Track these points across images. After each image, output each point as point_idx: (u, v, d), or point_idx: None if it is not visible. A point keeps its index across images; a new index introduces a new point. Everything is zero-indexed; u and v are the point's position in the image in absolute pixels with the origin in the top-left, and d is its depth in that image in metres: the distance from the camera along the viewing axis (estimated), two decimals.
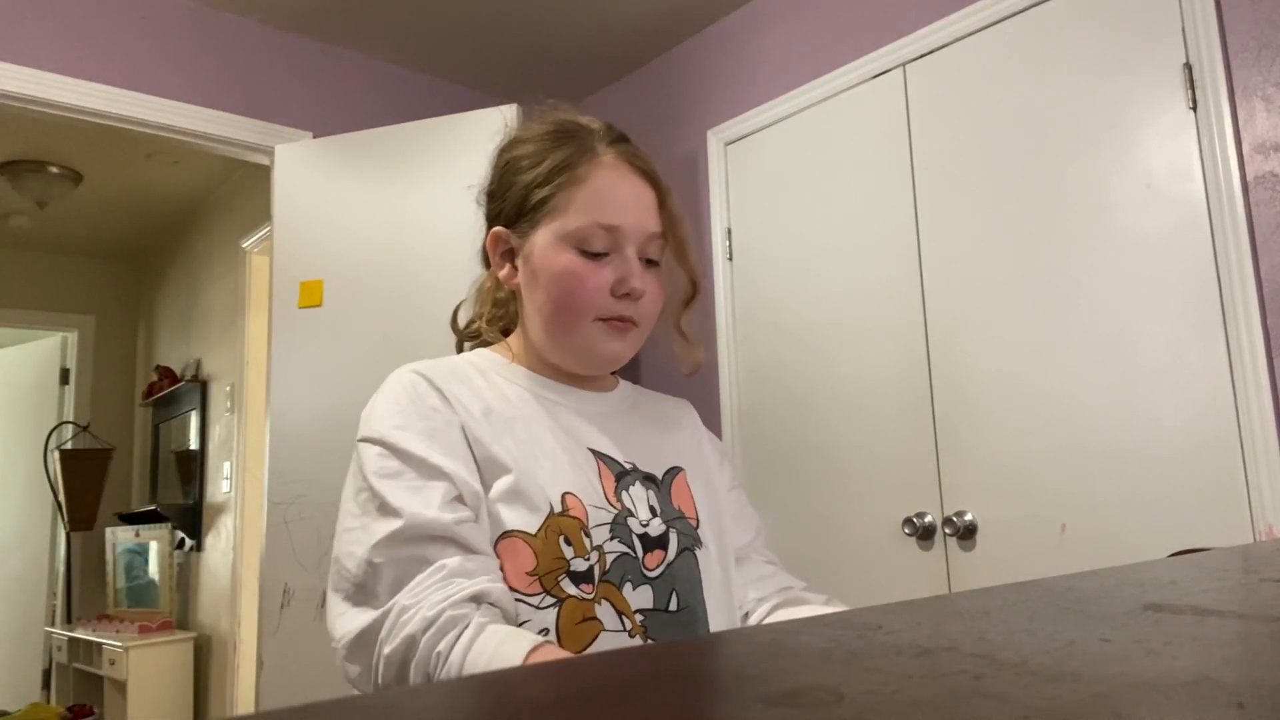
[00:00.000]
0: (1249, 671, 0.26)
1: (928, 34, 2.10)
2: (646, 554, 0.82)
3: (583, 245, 0.84)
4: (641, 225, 0.86)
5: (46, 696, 4.42)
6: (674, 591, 0.83)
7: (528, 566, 0.76)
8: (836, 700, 0.22)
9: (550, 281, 0.85)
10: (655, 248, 0.88)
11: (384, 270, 2.38)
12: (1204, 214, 1.64)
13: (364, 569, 0.73)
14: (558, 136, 0.88)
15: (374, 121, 2.65)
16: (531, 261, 0.86)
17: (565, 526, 0.78)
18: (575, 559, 0.77)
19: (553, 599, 0.76)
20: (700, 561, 0.86)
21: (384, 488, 0.76)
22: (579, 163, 0.86)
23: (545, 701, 0.23)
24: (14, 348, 4.90)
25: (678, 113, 2.76)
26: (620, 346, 0.87)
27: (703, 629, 0.84)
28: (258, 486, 3.03)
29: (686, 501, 0.90)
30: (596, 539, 0.79)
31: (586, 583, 0.77)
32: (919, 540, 2.00)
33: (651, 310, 0.88)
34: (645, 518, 0.84)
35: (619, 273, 0.84)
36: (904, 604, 0.37)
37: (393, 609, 0.71)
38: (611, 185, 0.86)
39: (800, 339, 2.33)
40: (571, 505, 0.79)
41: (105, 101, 2.30)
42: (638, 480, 0.87)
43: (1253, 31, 1.63)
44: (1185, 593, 0.40)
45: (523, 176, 0.87)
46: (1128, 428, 1.70)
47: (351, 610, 0.74)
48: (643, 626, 0.80)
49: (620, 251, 0.85)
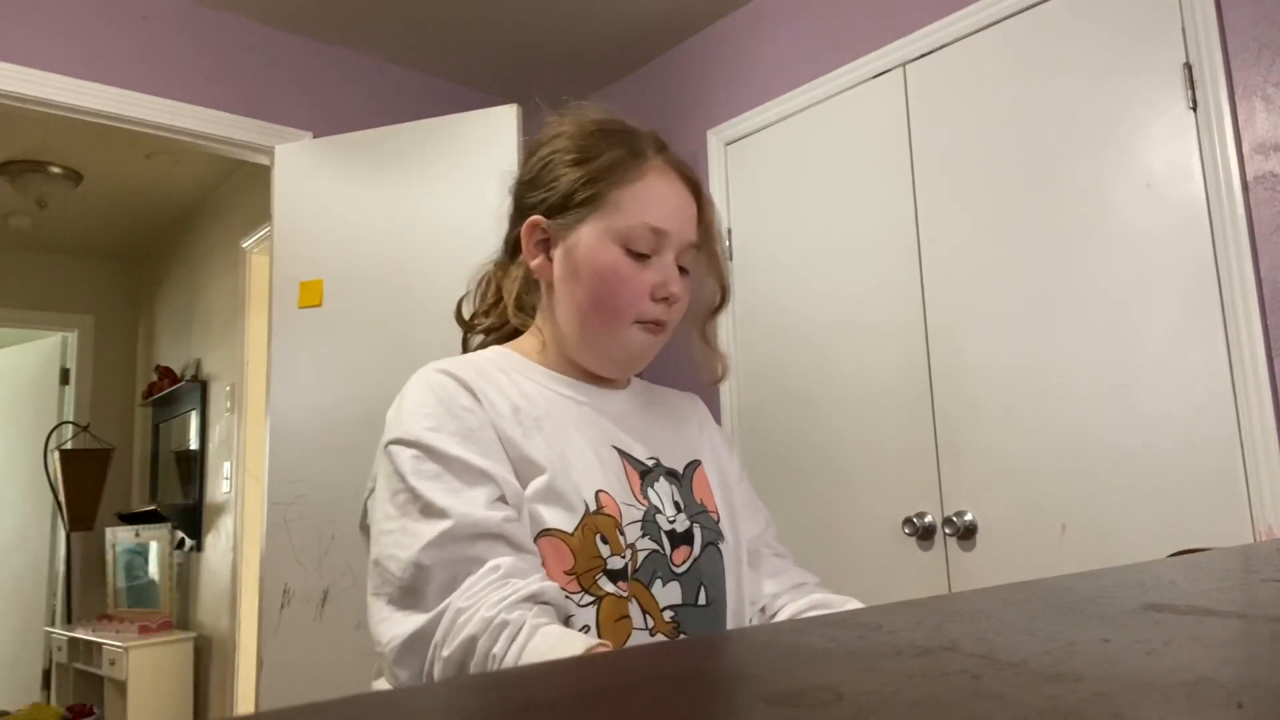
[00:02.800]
0: (1249, 671, 0.26)
1: (928, 34, 2.10)
2: (674, 550, 0.83)
3: (629, 244, 0.84)
4: (683, 233, 0.87)
5: (46, 696, 4.42)
6: (702, 585, 0.84)
7: (566, 565, 0.77)
8: (836, 700, 0.22)
9: (593, 277, 0.85)
10: (689, 257, 0.89)
11: (384, 270, 2.37)
12: (1204, 214, 1.64)
13: (411, 571, 0.72)
14: (607, 135, 0.89)
15: (374, 121, 2.65)
16: (575, 255, 0.86)
17: (601, 525, 0.78)
18: (612, 557, 0.78)
19: (591, 597, 0.76)
20: (724, 555, 0.88)
21: (426, 489, 0.74)
22: (631, 163, 0.86)
23: (546, 701, 0.23)
24: (14, 348, 4.90)
25: (678, 113, 2.76)
26: (649, 349, 0.88)
27: (726, 622, 0.85)
28: (258, 486, 3.03)
29: (707, 495, 0.91)
30: (630, 536, 0.80)
31: (623, 580, 0.78)
32: (919, 540, 2.00)
33: (679, 316, 0.90)
34: (671, 514, 0.85)
35: (660, 276, 0.85)
36: (904, 604, 0.37)
37: (447, 610, 0.69)
38: (663, 189, 0.87)
39: (800, 339, 2.33)
40: (605, 503, 0.80)
41: (105, 101, 2.30)
42: (661, 476, 0.87)
43: (1253, 31, 1.63)
44: (1185, 593, 0.40)
45: (570, 170, 0.87)
46: (1128, 427, 1.70)
47: (398, 614, 0.72)
48: (672, 623, 0.80)
49: (661, 255, 0.86)
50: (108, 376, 4.79)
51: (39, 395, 4.74)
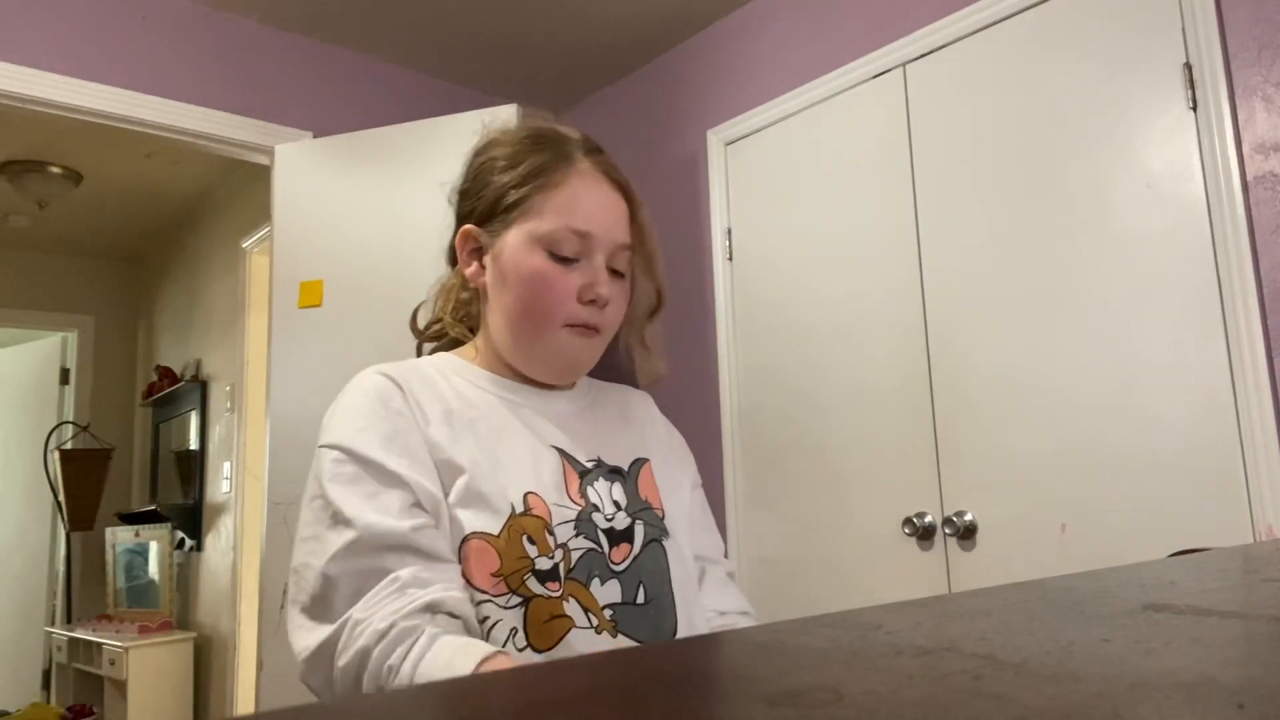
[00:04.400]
0: (1249, 671, 0.26)
1: (928, 34, 2.10)
2: (613, 548, 0.83)
3: (553, 248, 0.85)
4: (611, 234, 0.87)
5: (46, 696, 4.42)
6: (641, 584, 0.83)
7: (492, 567, 0.77)
8: (836, 700, 0.22)
9: (519, 282, 0.85)
10: (623, 259, 0.89)
11: (384, 270, 2.37)
12: (1204, 214, 1.64)
13: (320, 582, 0.73)
14: (536, 141, 0.89)
15: (374, 121, 2.65)
16: (501, 261, 0.87)
17: (528, 526, 0.79)
18: (539, 558, 0.78)
19: (519, 598, 0.77)
20: (668, 552, 0.87)
21: (338, 495, 0.76)
22: (556, 167, 0.87)
23: (545, 701, 0.23)
24: (14, 348, 4.90)
25: (678, 113, 2.76)
26: (583, 353, 0.88)
27: (670, 619, 0.84)
28: (258, 486, 3.03)
29: (653, 492, 0.91)
30: (561, 536, 0.80)
31: (553, 580, 0.78)
32: (919, 540, 2.00)
33: (614, 319, 0.89)
34: (610, 512, 0.84)
35: (587, 278, 0.85)
36: (904, 604, 0.37)
37: (347, 622, 0.71)
38: (586, 192, 0.87)
39: (800, 339, 2.33)
40: (534, 504, 0.80)
41: (105, 101, 2.30)
42: (602, 475, 0.87)
43: (1253, 31, 1.63)
44: (1185, 593, 0.40)
45: (498, 177, 0.88)
46: (1128, 428, 1.70)
47: (309, 624, 0.74)
48: (612, 621, 0.80)
49: (589, 258, 0.86)
50: (108, 376, 4.79)
51: (39, 395, 4.74)
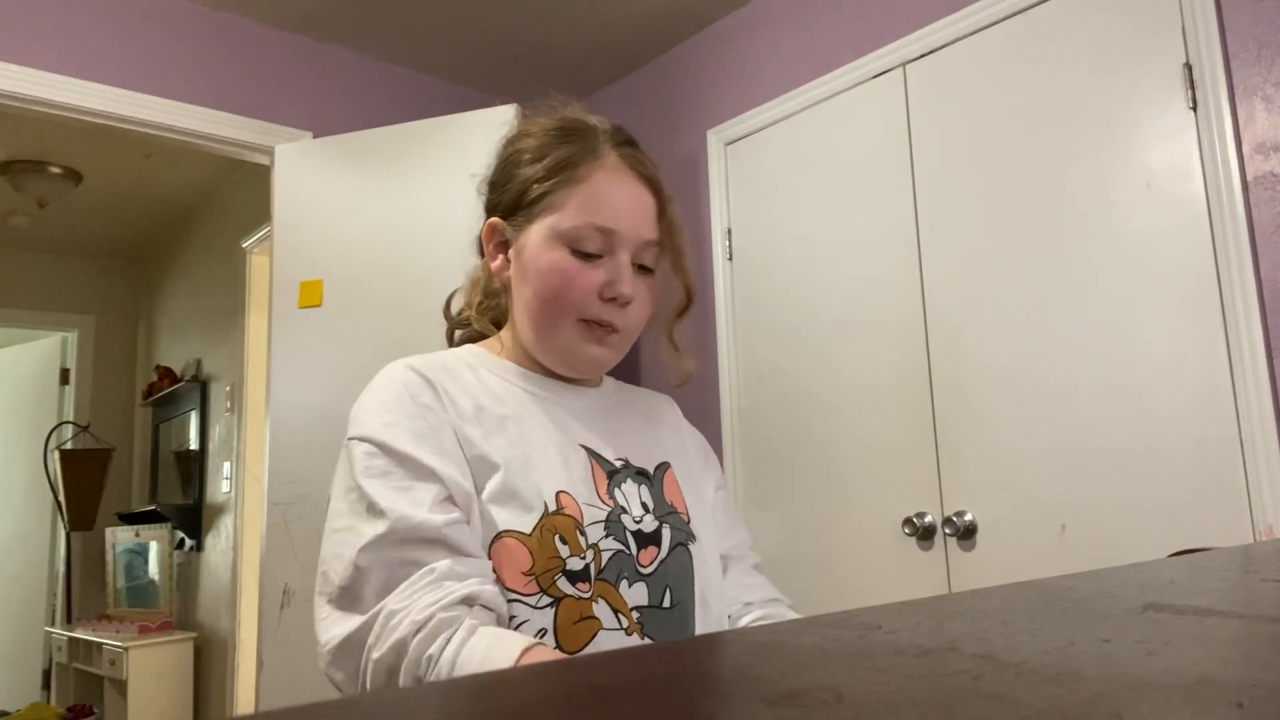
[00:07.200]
0: (1249, 671, 0.26)
1: (928, 34, 2.10)
2: (640, 550, 0.82)
3: (576, 245, 0.83)
4: (637, 231, 0.85)
5: (46, 696, 4.42)
6: (667, 588, 0.82)
7: (524, 566, 0.76)
8: (836, 700, 0.22)
9: (538, 277, 0.84)
10: (650, 255, 0.87)
11: (384, 270, 2.38)
12: (1204, 214, 1.64)
13: (350, 572, 0.72)
14: (564, 133, 0.88)
15: (374, 121, 2.65)
16: (523, 256, 0.86)
17: (560, 525, 0.77)
18: (571, 558, 0.77)
19: (550, 598, 0.76)
20: (694, 556, 0.86)
21: (372, 488, 0.75)
22: (581, 161, 0.85)
23: (545, 701, 0.23)
24: (14, 348, 4.90)
25: (678, 113, 2.76)
26: (601, 352, 0.86)
27: (694, 624, 0.84)
28: (258, 486, 3.03)
29: (677, 496, 0.90)
30: (592, 537, 0.79)
31: (583, 581, 0.77)
32: (919, 540, 2.00)
33: (639, 318, 0.87)
34: (638, 514, 0.83)
35: (609, 275, 0.83)
36: (904, 604, 0.37)
37: (381, 613, 0.69)
38: (611, 188, 0.85)
39: (800, 339, 2.33)
40: (566, 504, 0.79)
41: (105, 101, 2.30)
42: (630, 476, 0.86)
43: (1253, 31, 1.63)
44: (1185, 593, 0.40)
45: (524, 170, 0.87)
46: (1127, 427, 1.70)
47: (337, 614, 0.72)
48: (639, 624, 0.79)
49: (613, 255, 0.84)
50: (108, 376, 4.79)
51: (39, 395, 4.74)
